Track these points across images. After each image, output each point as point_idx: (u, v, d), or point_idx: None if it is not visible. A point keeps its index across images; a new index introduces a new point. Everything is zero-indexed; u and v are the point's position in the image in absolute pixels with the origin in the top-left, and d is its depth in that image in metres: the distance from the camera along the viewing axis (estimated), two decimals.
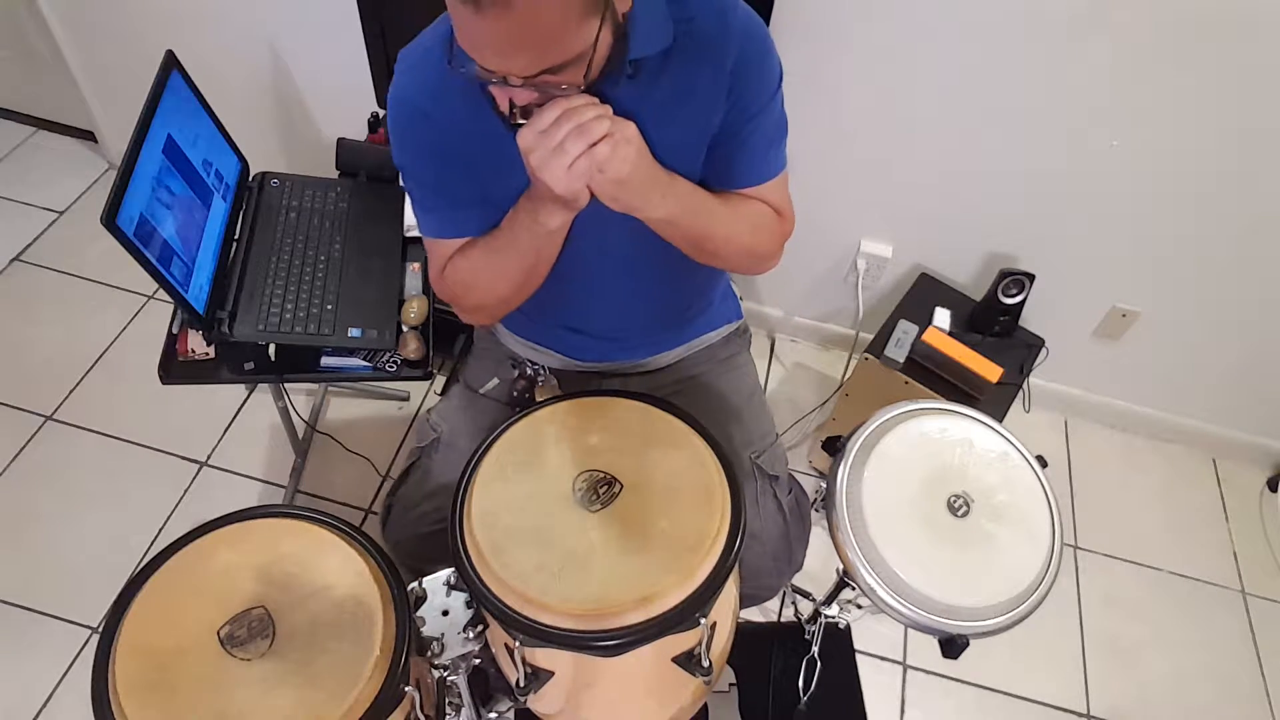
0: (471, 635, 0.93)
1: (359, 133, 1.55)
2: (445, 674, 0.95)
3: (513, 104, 0.77)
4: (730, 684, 1.47)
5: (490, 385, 1.19)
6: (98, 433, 1.73)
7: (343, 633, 0.83)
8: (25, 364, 1.82)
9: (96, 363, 1.83)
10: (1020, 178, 1.55)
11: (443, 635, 0.93)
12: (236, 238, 1.33)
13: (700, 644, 0.88)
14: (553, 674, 0.90)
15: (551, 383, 1.18)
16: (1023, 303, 1.56)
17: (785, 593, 1.57)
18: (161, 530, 1.61)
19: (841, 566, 1.02)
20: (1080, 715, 1.54)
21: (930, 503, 0.99)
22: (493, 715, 1.19)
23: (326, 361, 1.28)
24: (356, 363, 1.28)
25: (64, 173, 2.19)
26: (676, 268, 1.04)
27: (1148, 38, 1.30)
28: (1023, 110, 1.45)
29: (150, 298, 1.96)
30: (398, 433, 1.79)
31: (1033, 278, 1.54)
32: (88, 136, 2.24)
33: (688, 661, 0.89)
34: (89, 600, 1.50)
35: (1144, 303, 1.69)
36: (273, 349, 1.27)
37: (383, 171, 1.45)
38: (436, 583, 0.96)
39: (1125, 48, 1.32)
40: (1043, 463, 1.05)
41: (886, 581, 0.95)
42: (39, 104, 2.25)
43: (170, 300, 1.14)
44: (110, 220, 0.99)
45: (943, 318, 1.60)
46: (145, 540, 1.59)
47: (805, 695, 1.44)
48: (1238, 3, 1.23)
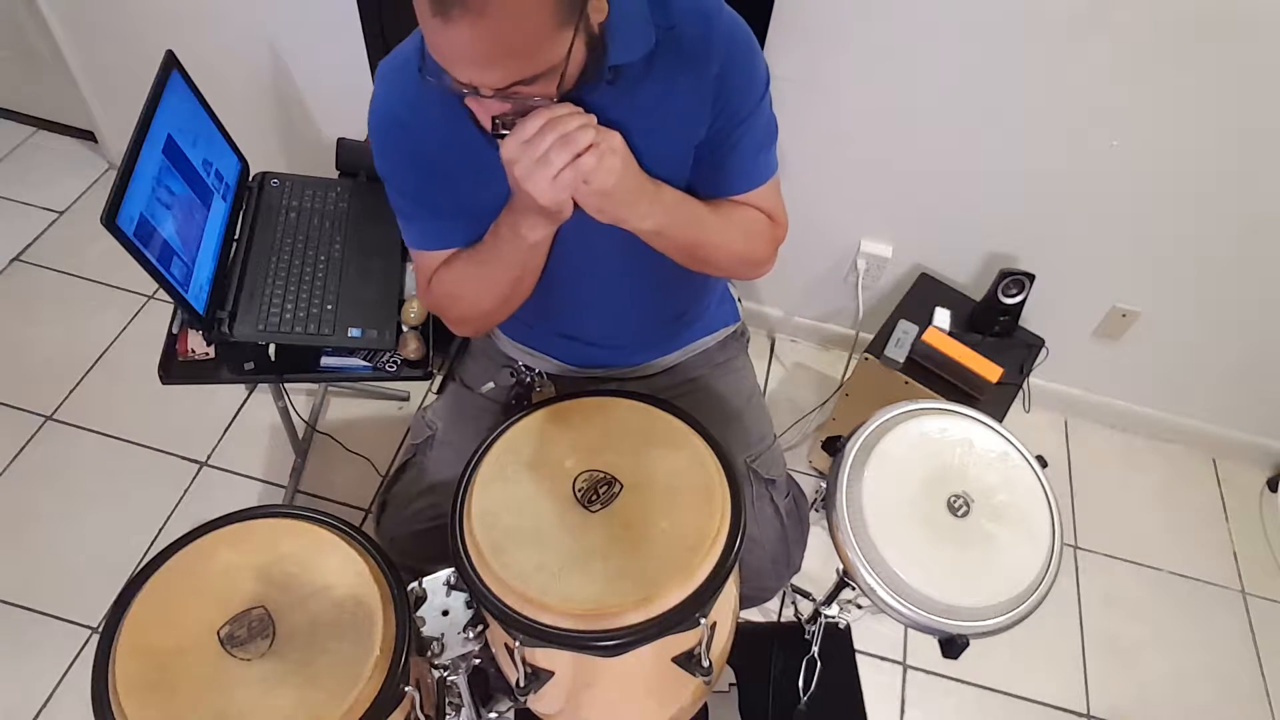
0: (471, 635, 0.93)
1: (359, 133, 1.54)
2: (445, 674, 0.95)
3: (493, 116, 0.75)
4: (730, 684, 1.47)
5: (487, 389, 1.19)
6: (98, 433, 1.73)
7: (343, 633, 0.83)
8: (25, 364, 1.82)
9: (96, 363, 1.83)
10: (1020, 178, 1.55)
11: (443, 635, 0.93)
12: (236, 238, 1.33)
13: (700, 644, 0.88)
14: (553, 674, 0.90)
15: (549, 388, 1.17)
16: (1023, 303, 1.56)
17: (785, 593, 1.57)
18: (161, 530, 1.61)
19: (841, 566, 1.02)
20: (1080, 715, 1.54)
21: (930, 503, 0.99)
22: (493, 715, 1.20)
23: (326, 361, 1.28)
24: (356, 363, 1.28)
25: (64, 173, 2.19)
26: (669, 275, 1.03)
27: (1148, 38, 1.30)
28: (1023, 110, 1.45)
29: (150, 298, 1.96)
30: (398, 433, 1.79)
31: (1033, 278, 1.54)
32: (88, 136, 2.24)
33: (688, 661, 0.89)
34: (89, 600, 1.50)
35: (1144, 303, 1.69)
36: (273, 349, 1.27)
37: None
38: (436, 583, 0.96)
39: (1125, 48, 1.32)
40: (1043, 463, 1.05)
41: (886, 581, 0.95)
42: (39, 104, 2.25)
43: (170, 300, 1.15)
44: (110, 220, 0.99)
45: (943, 318, 1.59)
46: (145, 540, 1.59)
47: (805, 695, 1.44)
48: (1238, 3, 1.23)
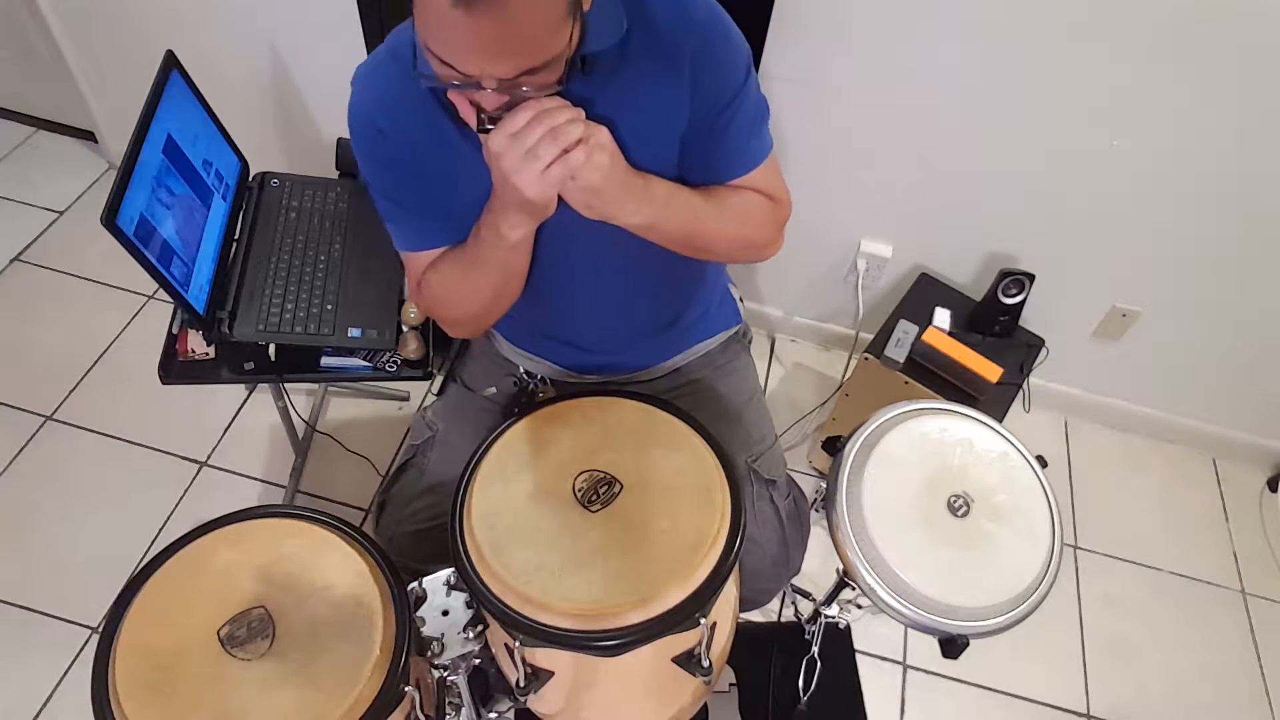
0: (471, 635, 0.93)
1: None
2: (445, 674, 0.95)
3: (480, 110, 0.74)
4: (730, 684, 1.47)
5: (489, 393, 1.18)
6: (98, 433, 1.73)
7: (343, 633, 0.83)
8: (25, 364, 1.82)
9: (96, 363, 1.83)
10: (1020, 178, 1.55)
11: (443, 635, 0.93)
12: (236, 238, 1.33)
13: (700, 644, 0.88)
14: (553, 674, 0.90)
15: (550, 394, 1.17)
16: (1023, 303, 1.56)
17: (785, 593, 1.57)
18: (161, 530, 1.61)
19: (841, 566, 1.02)
20: (1080, 715, 1.54)
21: (930, 503, 0.99)
22: (493, 715, 1.20)
23: (326, 361, 1.28)
24: (356, 363, 1.28)
25: (64, 173, 2.18)
26: (659, 278, 1.03)
27: (1148, 38, 1.30)
28: (1023, 110, 1.45)
29: (150, 298, 1.96)
30: (398, 433, 1.79)
31: (1033, 278, 1.54)
32: (88, 136, 2.24)
33: (688, 661, 0.89)
34: (89, 600, 1.50)
35: (1144, 303, 1.69)
36: (273, 349, 1.27)
37: None
38: (436, 583, 0.96)
39: (1125, 48, 1.32)
40: (1043, 463, 1.05)
41: (886, 581, 0.95)
42: (39, 104, 2.25)
43: (170, 300, 1.14)
44: (110, 220, 0.99)
45: (943, 318, 1.59)
46: (145, 540, 1.59)
47: (805, 695, 1.44)
48: (1238, 3, 1.23)
